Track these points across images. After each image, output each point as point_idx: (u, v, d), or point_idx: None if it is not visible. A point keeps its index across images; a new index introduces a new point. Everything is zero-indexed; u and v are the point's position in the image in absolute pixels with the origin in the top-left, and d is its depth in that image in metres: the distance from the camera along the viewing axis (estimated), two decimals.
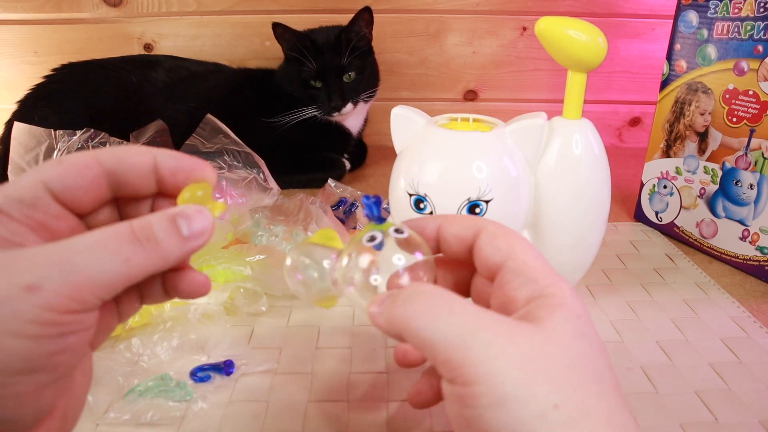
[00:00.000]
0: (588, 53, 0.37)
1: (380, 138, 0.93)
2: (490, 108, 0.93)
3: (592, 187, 0.41)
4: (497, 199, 0.38)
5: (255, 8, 0.85)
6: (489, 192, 0.38)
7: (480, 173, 0.38)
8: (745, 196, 0.52)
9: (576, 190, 0.40)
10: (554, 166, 0.40)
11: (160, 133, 0.63)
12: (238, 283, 0.45)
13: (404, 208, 0.40)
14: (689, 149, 0.57)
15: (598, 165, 0.41)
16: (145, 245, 0.21)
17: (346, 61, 0.70)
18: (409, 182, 0.39)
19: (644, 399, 0.36)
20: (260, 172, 0.57)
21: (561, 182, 0.40)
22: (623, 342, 0.42)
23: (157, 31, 0.86)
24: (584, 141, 0.40)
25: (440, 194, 0.38)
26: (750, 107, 0.50)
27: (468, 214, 0.38)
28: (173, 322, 0.42)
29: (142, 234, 0.21)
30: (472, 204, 0.38)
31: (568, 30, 0.37)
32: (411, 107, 0.42)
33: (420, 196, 0.39)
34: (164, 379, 0.36)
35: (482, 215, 0.38)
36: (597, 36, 0.37)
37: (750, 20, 0.49)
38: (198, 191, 0.24)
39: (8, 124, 0.68)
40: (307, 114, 0.71)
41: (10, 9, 0.83)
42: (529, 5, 0.86)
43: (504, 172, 0.38)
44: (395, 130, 0.42)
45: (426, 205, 0.39)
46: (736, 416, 0.35)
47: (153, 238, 0.21)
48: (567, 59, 0.38)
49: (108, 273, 0.20)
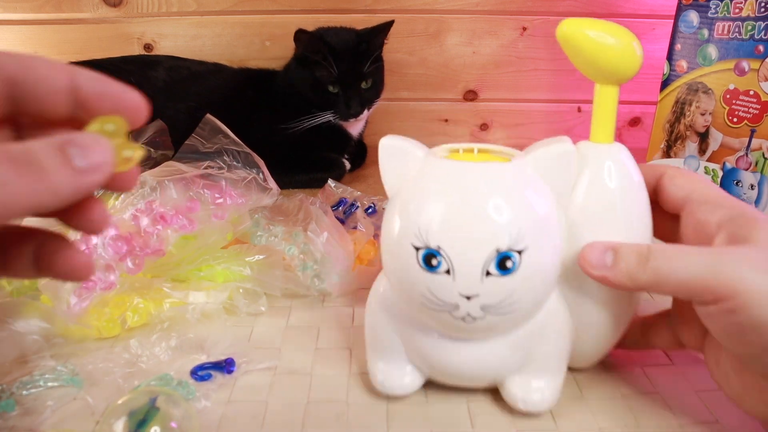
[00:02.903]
0: (621, 62, 0.31)
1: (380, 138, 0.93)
2: (490, 108, 0.93)
3: (633, 226, 0.33)
4: (531, 248, 0.29)
5: (255, 8, 0.85)
6: (522, 239, 0.29)
7: (508, 216, 0.29)
8: (746, 196, 0.51)
9: (613, 231, 0.33)
10: (584, 203, 0.33)
11: (160, 132, 0.63)
12: (237, 283, 0.45)
13: (406, 267, 0.31)
14: (690, 149, 0.57)
15: (637, 198, 0.33)
16: (24, 171, 0.17)
17: (367, 69, 0.70)
18: (414, 232, 0.30)
19: (644, 399, 0.36)
20: (260, 172, 0.57)
21: (594, 222, 0.33)
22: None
23: (157, 31, 0.86)
24: (619, 171, 0.33)
25: (459, 245, 0.29)
26: (751, 107, 0.50)
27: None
28: (171, 322, 0.42)
29: (22, 158, 0.17)
30: (503, 256, 0.29)
31: (597, 34, 0.30)
32: (402, 136, 0.34)
33: (432, 249, 0.29)
34: (165, 379, 0.36)
35: (514, 271, 0.29)
36: (631, 41, 0.31)
37: (751, 20, 0.49)
38: (108, 124, 0.20)
39: None
40: (322, 120, 0.71)
41: (10, 9, 0.83)
42: (529, 5, 0.86)
43: (536, 212, 0.30)
44: (386, 166, 0.33)
45: (440, 261, 0.29)
46: (737, 416, 0.35)
47: (36, 163, 0.17)
48: (596, 70, 0.32)
49: None
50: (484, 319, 0.30)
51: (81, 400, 0.35)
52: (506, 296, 0.29)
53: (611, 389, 0.37)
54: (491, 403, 0.35)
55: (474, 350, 0.33)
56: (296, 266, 0.47)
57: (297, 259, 0.47)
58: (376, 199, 0.62)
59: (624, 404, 0.36)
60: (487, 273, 0.29)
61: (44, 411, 0.34)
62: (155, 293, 0.43)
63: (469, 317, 0.30)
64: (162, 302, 0.42)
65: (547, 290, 0.32)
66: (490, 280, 0.29)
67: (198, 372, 0.37)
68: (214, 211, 0.48)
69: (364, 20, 0.74)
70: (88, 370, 0.37)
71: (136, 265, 0.43)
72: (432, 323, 0.32)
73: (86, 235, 0.42)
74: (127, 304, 0.42)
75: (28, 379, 0.36)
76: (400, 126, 0.94)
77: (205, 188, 0.50)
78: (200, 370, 0.37)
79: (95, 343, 0.40)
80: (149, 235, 0.44)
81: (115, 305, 0.41)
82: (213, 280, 0.45)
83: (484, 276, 0.29)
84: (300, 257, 0.47)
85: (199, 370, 0.37)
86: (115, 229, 0.43)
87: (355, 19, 0.73)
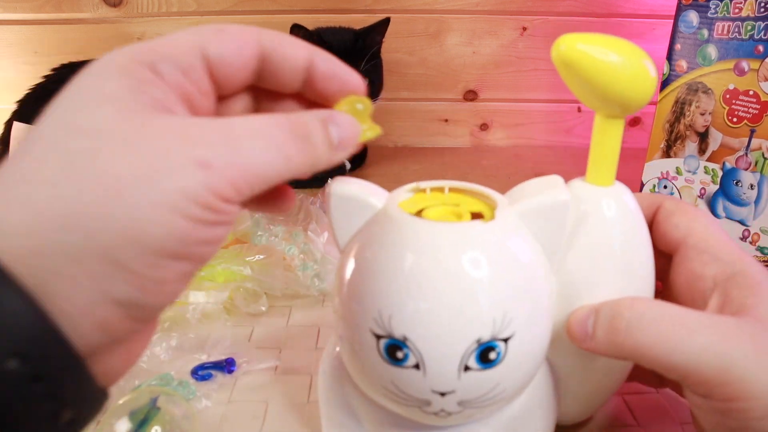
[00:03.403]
0: (632, 87, 0.23)
1: (380, 138, 0.93)
2: (489, 108, 0.93)
3: (639, 281, 0.27)
4: (520, 333, 0.23)
5: (255, 8, 0.85)
6: (509, 325, 0.23)
7: (492, 297, 0.23)
8: (746, 196, 0.51)
9: (619, 290, 0.26)
10: (582, 257, 0.26)
11: None
12: (237, 283, 0.45)
13: (365, 355, 0.24)
14: (689, 149, 0.57)
15: (640, 250, 0.27)
16: (302, 145, 0.19)
17: (364, 68, 0.70)
18: (374, 316, 0.23)
19: (644, 399, 0.36)
20: None
21: (595, 280, 0.26)
22: None
23: (157, 31, 0.86)
24: (622, 221, 0.26)
25: (430, 337, 0.23)
26: (750, 107, 0.50)
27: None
28: (172, 322, 0.42)
29: (300, 132, 0.19)
30: (485, 347, 0.23)
31: (608, 56, 0.22)
32: (356, 181, 0.27)
33: (396, 340, 0.23)
34: (166, 379, 0.36)
35: (499, 362, 0.23)
36: (642, 60, 0.23)
37: (750, 20, 0.49)
38: (358, 104, 0.22)
39: (8, 124, 0.68)
40: None
41: (10, 9, 0.83)
42: (529, 5, 0.86)
43: (526, 288, 0.24)
44: (337, 221, 0.27)
45: (407, 353, 0.23)
46: None
47: (309, 138, 0.19)
48: (599, 98, 0.24)
49: (270, 166, 0.18)
50: (462, 413, 0.25)
51: None
52: (488, 390, 0.24)
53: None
54: None
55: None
56: (296, 266, 0.47)
57: (297, 259, 0.47)
58: None
59: (624, 403, 0.36)
60: (465, 368, 0.23)
61: None
62: None
63: (443, 412, 0.25)
64: None
65: (534, 372, 0.27)
66: (469, 375, 0.23)
67: (198, 372, 0.37)
68: None
69: (364, 20, 0.74)
70: None
71: None
72: (400, 412, 0.27)
73: None
74: None
75: None
76: (401, 126, 0.94)
77: None
78: (201, 370, 0.37)
79: None
80: None
81: None
82: (213, 279, 0.45)
83: (462, 371, 0.23)
84: (300, 257, 0.47)
85: (200, 370, 0.37)
86: None
87: (355, 19, 0.73)
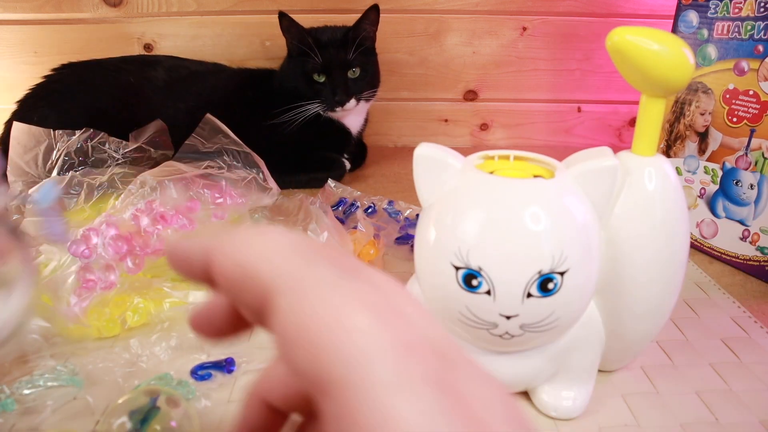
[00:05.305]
0: (673, 71, 0.30)
1: (380, 138, 0.93)
2: (489, 108, 0.93)
3: (675, 239, 0.33)
4: (573, 269, 0.29)
5: (255, 8, 0.85)
6: (565, 261, 0.28)
7: (552, 238, 0.28)
8: (746, 196, 0.51)
9: (658, 247, 0.33)
10: (627, 217, 0.32)
11: (160, 132, 0.63)
12: None
13: (444, 284, 0.30)
14: (689, 149, 0.57)
15: (677, 209, 0.33)
16: None
17: (352, 57, 0.70)
18: (454, 251, 0.29)
19: (644, 399, 0.36)
20: (260, 172, 0.57)
21: (637, 236, 0.33)
22: None
23: (157, 31, 0.86)
24: (662, 183, 0.33)
25: (501, 268, 0.28)
26: (750, 107, 0.50)
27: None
28: (171, 321, 0.42)
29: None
30: (545, 278, 0.28)
31: (652, 45, 0.29)
32: (437, 145, 0.32)
33: (472, 270, 0.28)
34: (165, 379, 0.36)
35: (556, 292, 0.29)
36: (682, 48, 0.30)
37: (750, 20, 0.49)
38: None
39: (8, 124, 0.68)
40: (310, 111, 0.71)
41: (10, 9, 0.83)
42: (529, 5, 0.86)
43: (579, 233, 0.29)
44: (421, 177, 0.32)
45: (481, 282, 0.28)
46: (737, 416, 0.35)
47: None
48: (645, 80, 0.31)
49: None
50: (523, 336, 0.30)
51: (81, 400, 0.35)
52: (546, 316, 0.29)
53: (611, 389, 0.37)
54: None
55: (509, 362, 0.33)
56: None
57: None
58: (376, 199, 0.62)
59: (624, 403, 0.36)
60: (528, 294, 0.28)
61: (44, 410, 0.34)
62: (155, 293, 0.43)
63: (507, 335, 0.30)
64: (162, 302, 0.42)
65: (585, 306, 0.32)
66: (530, 301, 0.28)
67: (198, 371, 0.37)
68: (214, 210, 0.48)
69: None
70: (88, 370, 0.37)
71: (137, 264, 0.43)
72: (467, 337, 0.32)
73: (86, 235, 0.42)
74: (128, 303, 0.42)
75: (28, 379, 0.36)
76: (400, 126, 0.94)
77: (205, 188, 0.50)
78: (200, 370, 0.37)
79: (95, 343, 0.40)
80: (149, 235, 0.44)
81: (115, 305, 0.41)
82: None
83: (525, 297, 0.28)
84: None
85: (200, 370, 0.37)
86: (115, 229, 0.43)
87: (355, 19, 0.73)
